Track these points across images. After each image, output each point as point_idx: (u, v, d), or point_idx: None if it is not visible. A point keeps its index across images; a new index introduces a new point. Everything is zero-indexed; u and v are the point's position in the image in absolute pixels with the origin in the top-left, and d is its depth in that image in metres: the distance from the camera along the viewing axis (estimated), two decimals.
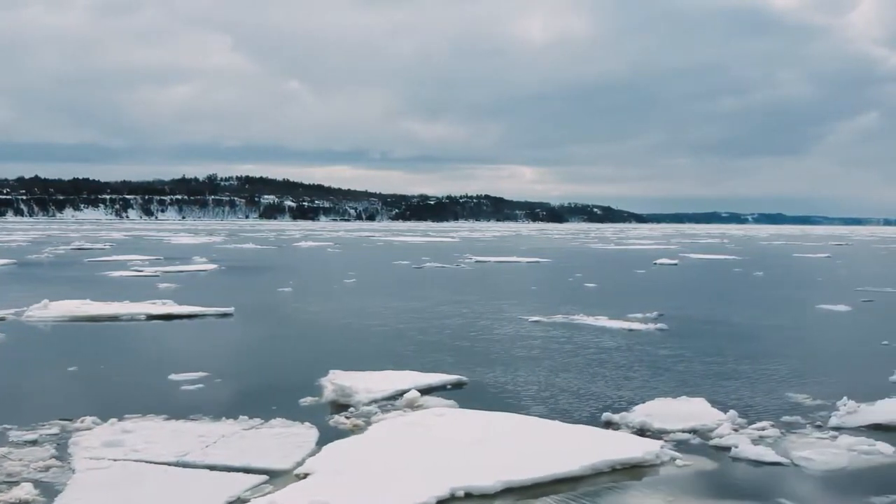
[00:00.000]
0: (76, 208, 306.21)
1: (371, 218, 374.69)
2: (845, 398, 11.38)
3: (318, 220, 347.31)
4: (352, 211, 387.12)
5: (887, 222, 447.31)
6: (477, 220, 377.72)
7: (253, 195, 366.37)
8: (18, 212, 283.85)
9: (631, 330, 19.15)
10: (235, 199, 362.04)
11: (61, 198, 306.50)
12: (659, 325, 19.72)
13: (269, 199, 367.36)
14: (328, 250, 64.93)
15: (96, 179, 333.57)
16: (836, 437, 9.53)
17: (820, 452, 8.92)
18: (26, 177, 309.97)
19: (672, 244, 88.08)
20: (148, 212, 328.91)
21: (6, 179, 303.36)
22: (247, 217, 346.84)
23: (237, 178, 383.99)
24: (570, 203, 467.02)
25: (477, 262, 49.86)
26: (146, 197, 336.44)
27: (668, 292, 30.06)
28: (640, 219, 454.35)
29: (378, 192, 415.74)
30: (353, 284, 31.47)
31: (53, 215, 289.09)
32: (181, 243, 75.81)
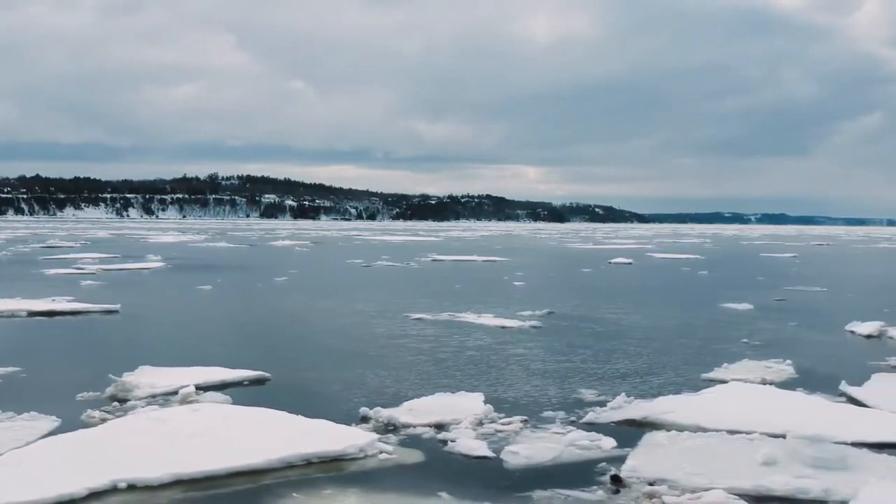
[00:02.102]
0: (77, 207, 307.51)
1: (372, 217, 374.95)
2: (623, 395, 11.51)
3: (319, 219, 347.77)
4: (353, 210, 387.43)
5: (890, 223, 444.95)
6: (478, 220, 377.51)
7: (254, 194, 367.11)
8: (19, 210, 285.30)
9: (503, 327, 19.23)
10: (236, 198, 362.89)
11: (62, 197, 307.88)
12: (534, 323, 19.81)
13: (269, 198, 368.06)
14: (296, 249, 65.11)
15: (97, 178, 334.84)
16: (567, 433, 9.59)
17: (530, 447, 9.01)
18: (27, 176, 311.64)
19: (652, 244, 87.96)
20: (149, 211, 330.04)
21: (7, 178, 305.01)
22: (247, 216, 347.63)
23: (238, 177, 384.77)
24: (572, 203, 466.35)
25: (433, 260, 49.99)
26: (147, 196, 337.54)
27: (586, 291, 30.08)
28: (643, 219, 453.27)
29: (379, 192, 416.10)
30: (280, 283, 31.60)
31: (54, 214, 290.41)
32: (159, 242, 76.13)
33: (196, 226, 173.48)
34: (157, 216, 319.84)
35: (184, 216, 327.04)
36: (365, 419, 10.23)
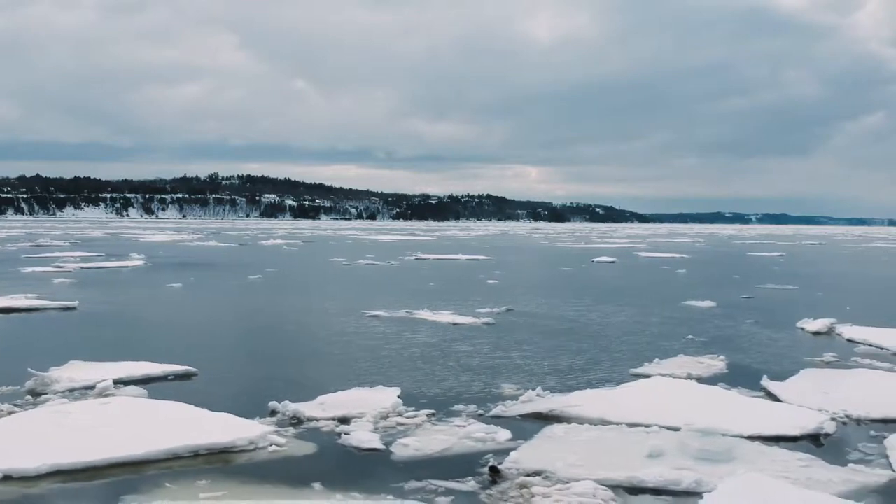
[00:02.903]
0: (77, 207, 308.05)
1: (372, 217, 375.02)
2: (540, 388, 11.59)
3: (319, 219, 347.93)
4: (353, 210, 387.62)
5: (892, 223, 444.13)
6: (478, 220, 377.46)
7: (254, 194, 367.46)
8: (19, 210, 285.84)
9: (455, 324, 19.30)
10: (237, 197, 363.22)
11: (62, 196, 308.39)
12: (488, 320, 19.88)
13: (269, 198, 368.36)
14: (284, 248, 65.19)
15: (97, 178, 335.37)
16: (467, 426, 9.65)
17: (423, 440, 9.07)
18: (27, 175, 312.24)
19: (644, 243, 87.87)
20: (149, 211, 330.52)
21: (7, 178, 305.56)
22: (248, 216, 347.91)
23: (239, 176, 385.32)
24: (572, 203, 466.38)
25: (417, 259, 50.09)
26: (147, 196, 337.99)
27: (555, 289, 30.11)
28: (643, 219, 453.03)
29: (380, 192, 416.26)
30: (252, 281, 31.67)
31: (54, 214, 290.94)
32: (151, 241, 76.27)
33: (194, 225, 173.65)
34: (157, 216, 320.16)
35: (184, 216, 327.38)
36: (273, 413, 10.28)
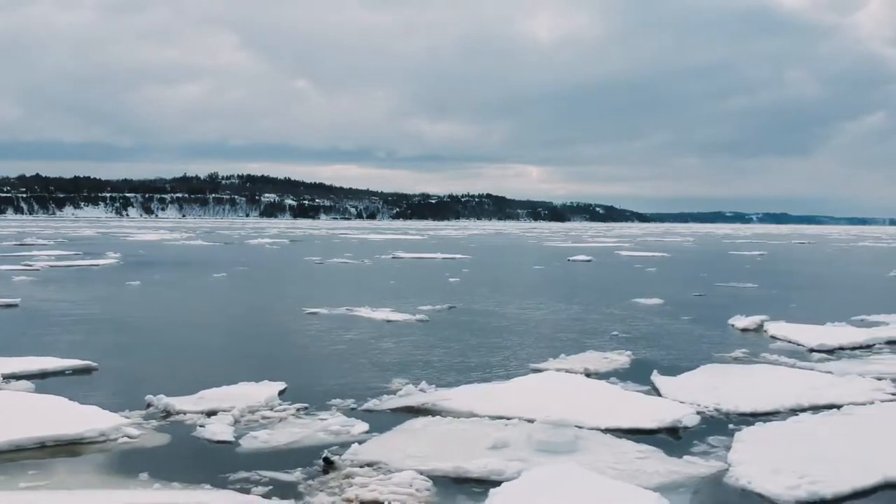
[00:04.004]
0: (76, 206, 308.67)
1: (372, 217, 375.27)
2: (424, 383, 11.73)
3: (319, 218, 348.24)
4: (353, 210, 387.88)
5: (892, 222, 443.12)
6: (478, 220, 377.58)
7: (254, 194, 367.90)
8: (19, 210, 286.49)
9: (388, 321, 19.43)
10: (236, 197, 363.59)
11: (62, 196, 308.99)
12: (422, 317, 19.98)
13: (269, 197, 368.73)
14: (266, 247, 65.35)
15: (97, 178, 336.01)
16: (328, 419, 9.77)
17: (276, 433, 9.22)
18: (27, 175, 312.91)
19: (632, 243, 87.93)
20: (148, 210, 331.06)
21: (7, 177, 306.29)
22: (247, 216, 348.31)
23: (238, 176, 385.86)
24: (573, 202, 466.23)
25: (393, 258, 50.21)
26: (146, 195, 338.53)
27: (512, 287, 30.19)
28: (644, 218, 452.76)
29: (380, 191, 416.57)
30: (214, 279, 31.80)
31: (53, 213, 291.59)
32: (138, 240, 76.53)
33: (190, 225, 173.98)
34: (156, 215, 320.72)
35: (183, 215, 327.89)
36: (148, 406, 10.41)
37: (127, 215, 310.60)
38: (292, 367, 13.37)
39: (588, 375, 12.82)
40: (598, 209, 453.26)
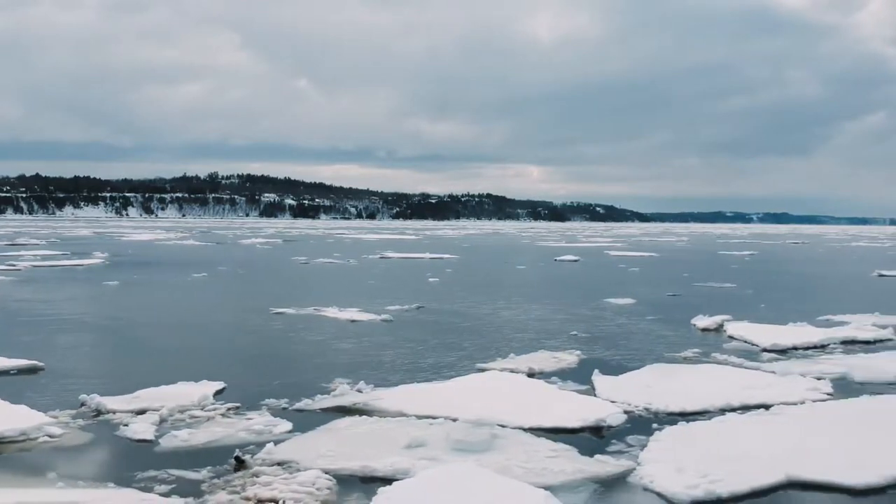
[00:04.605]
0: (76, 206, 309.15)
1: (372, 216, 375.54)
2: (362, 383, 11.76)
3: (319, 218, 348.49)
4: (352, 209, 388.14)
5: (893, 222, 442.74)
6: (478, 220, 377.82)
7: (254, 194, 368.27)
8: (18, 209, 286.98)
9: (352, 321, 19.50)
10: (236, 197, 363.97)
11: (61, 196, 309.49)
12: (387, 317, 20.05)
13: (269, 197, 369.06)
14: (257, 247, 65.44)
15: (97, 178, 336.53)
16: (255, 419, 9.85)
17: (197, 432, 9.29)
18: (27, 175, 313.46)
19: (625, 242, 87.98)
20: (148, 210, 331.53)
21: (7, 177, 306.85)
22: (247, 215, 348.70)
23: (238, 176, 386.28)
24: (573, 202, 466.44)
25: (381, 258, 50.28)
26: (146, 195, 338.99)
27: (488, 287, 30.24)
28: (644, 218, 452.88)
29: (380, 191, 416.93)
30: (191, 279, 31.89)
31: (53, 213, 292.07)
32: (131, 240, 76.71)
33: (189, 225, 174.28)
34: (156, 215, 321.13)
35: (183, 215, 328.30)
36: (82, 405, 10.48)
37: (127, 215, 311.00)
38: (239, 367, 13.45)
39: (532, 375, 12.87)
40: (598, 209, 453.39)
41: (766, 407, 10.56)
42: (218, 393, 11.32)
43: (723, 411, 10.47)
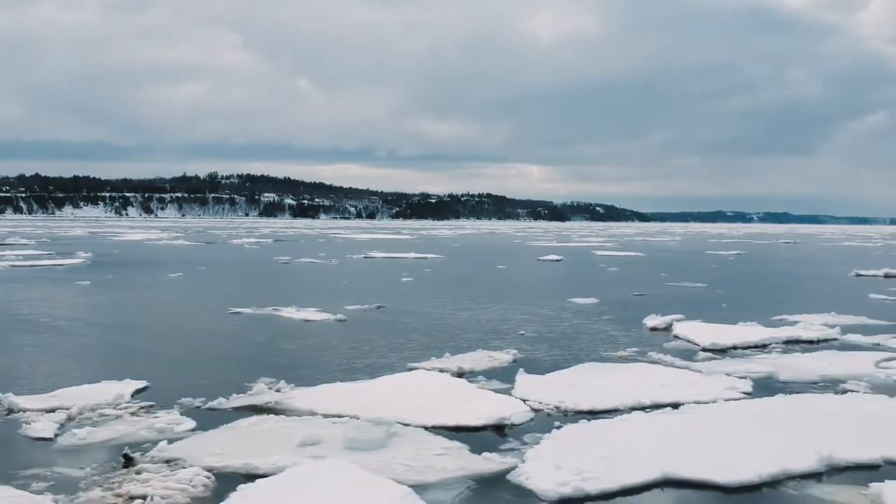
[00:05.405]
0: (76, 206, 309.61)
1: (371, 216, 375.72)
2: (283, 382, 11.84)
3: (319, 218, 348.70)
4: (352, 209, 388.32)
5: (893, 221, 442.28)
6: (478, 219, 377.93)
7: (254, 193, 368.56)
8: (18, 209, 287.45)
9: (306, 321, 19.63)
10: (236, 197, 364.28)
11: (61, 196, 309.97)
12: (341, 317, 20.15)
13: (269, 197, 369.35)
14: (245, 247, 65.54)
15: (97, 177, 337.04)
16: (160, 417, 9.95)
17: (98, 430, 9.39)
18: (27, 175, 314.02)
19: (618, 242, 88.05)
20: (148, 210, 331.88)
21: (7, 177, 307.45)
22: (247, 215, 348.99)
23: (238, 175, 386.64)
24: (573, 202, 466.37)
25: (365, 258, 50.42)
26: (146, 195, 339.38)
27: (459, 286, 30.32)
28: (644, 217, 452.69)
29: (380, 191, 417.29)
30: (166, 279, 32.01)
31: (52, 213, 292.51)
32: (122, 240, 77.00)
33: (186, 224, 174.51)
34: (156, 215, 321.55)
35: (183, 215, 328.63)
36: None
37: (126, 215, 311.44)
38: (170, 367, 13.55)
39: (461, 375, 12.95)
40: (598, 209, 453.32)
41: (676, 406, 10.64)
42: (138, 392, 11.42)
43: (632, 409, 10.55)
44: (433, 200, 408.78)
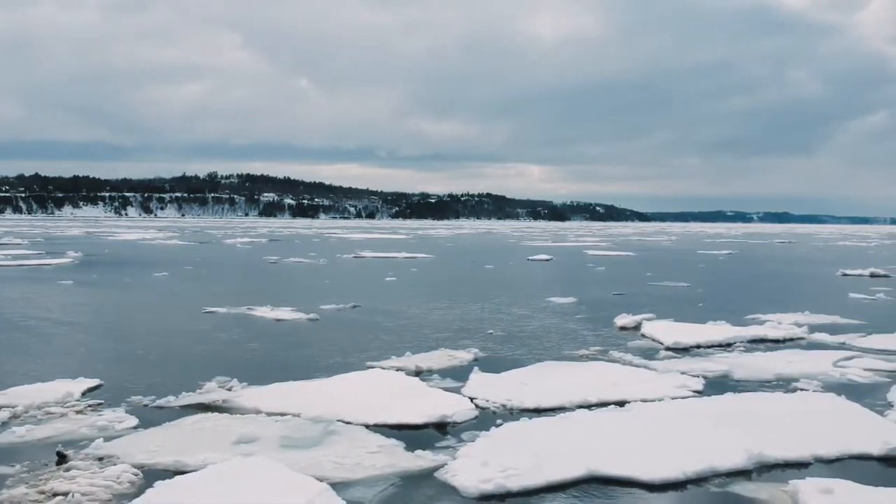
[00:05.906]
0: (75, 206, 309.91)
1: (371, 216, 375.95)
2: (235, 381, 11.91)
3: (318, 218, 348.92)
4: (352, 209, 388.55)
5: (893, 221, 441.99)
6: (478, 219, 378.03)
7: (253, 193, 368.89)
8: (17, 209, 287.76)
9: (278, 320, 19.69)
10: (235, 196, 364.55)
11: (60, 195, 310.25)
12: (314, 316, 20.22)
13: (268, 196, 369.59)
14: (237, 247, 65.62)
15: (96, 177, 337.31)
16: (105, 414, 10.01)
17: (39, 428, 9.44)
18: (26, 174, 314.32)
19: (612, 242, 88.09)
20: (147, 209, 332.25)
21: (6, 177, 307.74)
22: (246, 215, 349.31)
23: (238, 175, 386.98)
24: (573, 202, 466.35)
25: (355, 257, 50.53)
26: (145, 195, 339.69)
27: (441, 286, 30.40)
28: (644, 217, 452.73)
29: (380, 191, 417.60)
30: (149, 279, 32.08)
31: (52, 213, 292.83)
32: (116, 240, 77.06)
33: (184, 224, 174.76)
34: (155, 215, 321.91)
35: (182, 215, 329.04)
36: None
37: (126, 215, 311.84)
38: (128, 366, 13.58)
39: (419, 373, 13.02)
40: (598, 208, 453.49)
41: (622, 404, 10.68)
42: (90, 390, 11.48)
43: (577, 408, 10.60)
44: (433, 200, 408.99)
